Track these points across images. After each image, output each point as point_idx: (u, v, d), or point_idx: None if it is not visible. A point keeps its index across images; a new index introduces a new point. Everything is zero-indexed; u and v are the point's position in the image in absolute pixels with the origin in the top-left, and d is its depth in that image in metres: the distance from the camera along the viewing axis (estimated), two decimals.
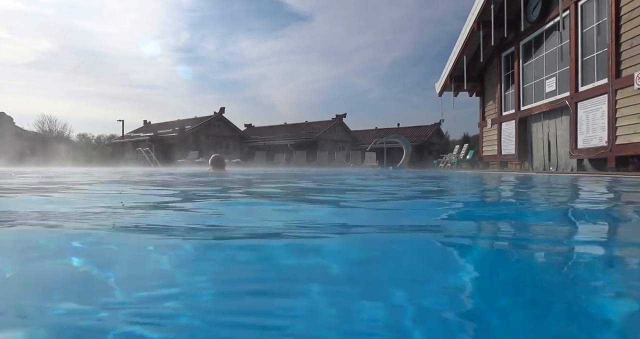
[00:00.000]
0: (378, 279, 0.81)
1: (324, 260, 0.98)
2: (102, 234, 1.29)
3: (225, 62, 66.65)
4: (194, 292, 0.74)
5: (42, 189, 3.69)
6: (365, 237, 1.30)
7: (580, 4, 9.35)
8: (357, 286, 0.76)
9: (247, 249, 1.08)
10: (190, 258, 1.00)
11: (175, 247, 1.11)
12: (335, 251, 1.08)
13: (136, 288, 0.75)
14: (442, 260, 1.03)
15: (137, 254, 1.05)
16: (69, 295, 0.72)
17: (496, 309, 0.66)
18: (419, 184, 5.12)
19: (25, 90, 52.28)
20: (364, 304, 0.65)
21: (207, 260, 0.99)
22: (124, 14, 61.31)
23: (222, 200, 2.73)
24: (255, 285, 0.75)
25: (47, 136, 33.40)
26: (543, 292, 0.76)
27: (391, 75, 70.90)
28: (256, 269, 0.89)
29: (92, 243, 1.17)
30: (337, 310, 0.64)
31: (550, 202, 2.76)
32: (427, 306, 0.66)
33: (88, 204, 2.34)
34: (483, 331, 0.58)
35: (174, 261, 0.96)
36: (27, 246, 1.16)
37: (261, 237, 1.27)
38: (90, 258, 0.97)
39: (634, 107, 7.74)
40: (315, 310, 0.64)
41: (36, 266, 0.93)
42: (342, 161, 22.95)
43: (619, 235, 1.55)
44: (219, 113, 29.44)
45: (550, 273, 0.92)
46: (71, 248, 1.07)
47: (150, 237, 1.25)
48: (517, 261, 1.04)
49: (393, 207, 2.42)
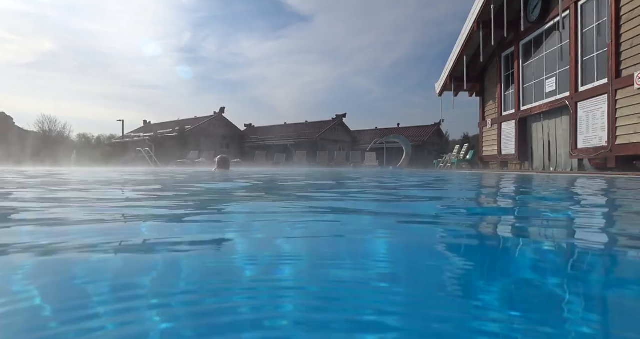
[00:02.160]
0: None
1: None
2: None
3: (226, 63, 66.72)
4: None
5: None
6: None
7: (580, 4, 9.35)
8: None
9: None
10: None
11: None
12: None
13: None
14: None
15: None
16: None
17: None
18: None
19: (26, 90, 52.34)
20: None
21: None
22: (125, 14, 61.37)
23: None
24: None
25: (47, 136, 33.41)
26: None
27: (391, 76, 70.92)
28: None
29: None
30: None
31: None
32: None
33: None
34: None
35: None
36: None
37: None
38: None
39: (634, 107, 7.74)
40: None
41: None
42: (342, 161, 22.96)
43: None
44: (219, 113, 29.45)
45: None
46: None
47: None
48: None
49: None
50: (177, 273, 0.87)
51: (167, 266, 0.93)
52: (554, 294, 0.74)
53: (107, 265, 0.93)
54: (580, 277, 0.89)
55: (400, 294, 0.73)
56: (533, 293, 0.76)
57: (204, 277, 0.84)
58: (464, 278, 0.85)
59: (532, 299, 0.72)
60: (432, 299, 0.69)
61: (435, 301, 0.69)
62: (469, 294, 0.74)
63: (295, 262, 0.98)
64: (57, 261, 0.97)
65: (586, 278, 0.89)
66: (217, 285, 0.77)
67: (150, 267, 0.92)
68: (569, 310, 0.65)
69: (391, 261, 1.02)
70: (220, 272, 0.88)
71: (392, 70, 69.99)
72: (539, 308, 0.66)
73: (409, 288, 0.77)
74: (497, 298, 0.71)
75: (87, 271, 0.88)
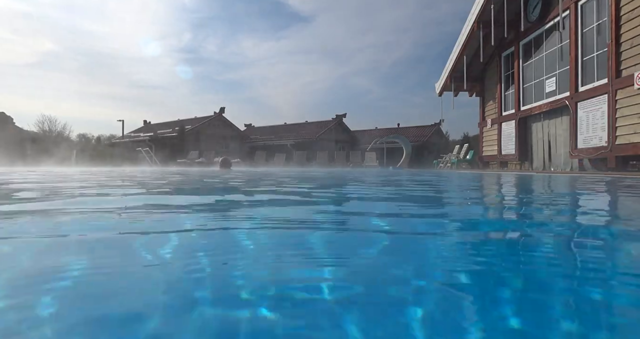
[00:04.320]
0: None
1: None
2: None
3: (227, 63, 66.62)
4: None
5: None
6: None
7: (580, 4, 9.35)
8: None
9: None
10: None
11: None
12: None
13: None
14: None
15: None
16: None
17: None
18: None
19: (27, 90, 52.24)
20: None
21: None
22: (126, 14, 61.29)
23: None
24: None
25: (47, 136, 33.41)
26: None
27: (392, 76, 70.81)
28: None
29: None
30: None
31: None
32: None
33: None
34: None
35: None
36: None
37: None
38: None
39: (634, 107, 7.73)
40: None
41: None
42: (342, 161, 22.95)
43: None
44: (219, 113, 29.43)
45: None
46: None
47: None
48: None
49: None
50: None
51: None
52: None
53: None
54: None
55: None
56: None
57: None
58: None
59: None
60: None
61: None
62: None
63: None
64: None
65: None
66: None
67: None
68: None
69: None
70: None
71: (392, 71, 69.90)
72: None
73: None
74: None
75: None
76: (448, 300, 0.70)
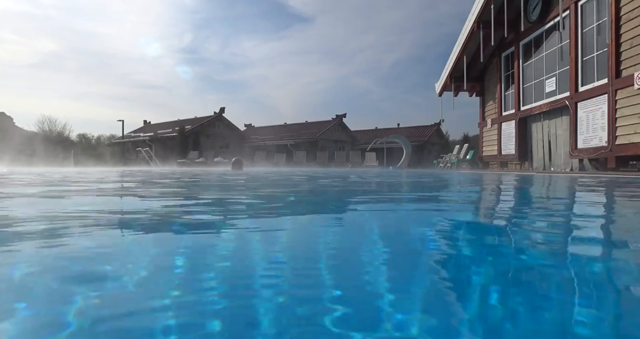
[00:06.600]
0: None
1: None
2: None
3: (227, 63, 66.73)
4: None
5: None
6: None
7: (580, 4, 9.35)
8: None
9: None
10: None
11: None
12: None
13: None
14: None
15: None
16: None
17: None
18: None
19: (28, 91, 52.33)
20: None
21: None
22: (127, 15, 61.38)
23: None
24: None
25: (47, 136, 33.41)
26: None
27: (392, 76, 70.90)
28: None
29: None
30: None
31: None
32: None
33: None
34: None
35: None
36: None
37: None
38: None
39: (634, 107, 7.73)
40: None
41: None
42: (342, 161, 22.95)
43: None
44: (219, 113, 29.42)
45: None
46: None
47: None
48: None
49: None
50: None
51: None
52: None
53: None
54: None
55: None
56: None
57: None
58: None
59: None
60: None
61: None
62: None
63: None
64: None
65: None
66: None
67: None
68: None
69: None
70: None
71: (392, 71, 70.00)
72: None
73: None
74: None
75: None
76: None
